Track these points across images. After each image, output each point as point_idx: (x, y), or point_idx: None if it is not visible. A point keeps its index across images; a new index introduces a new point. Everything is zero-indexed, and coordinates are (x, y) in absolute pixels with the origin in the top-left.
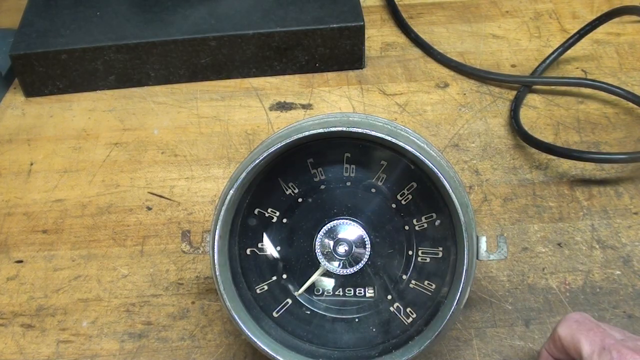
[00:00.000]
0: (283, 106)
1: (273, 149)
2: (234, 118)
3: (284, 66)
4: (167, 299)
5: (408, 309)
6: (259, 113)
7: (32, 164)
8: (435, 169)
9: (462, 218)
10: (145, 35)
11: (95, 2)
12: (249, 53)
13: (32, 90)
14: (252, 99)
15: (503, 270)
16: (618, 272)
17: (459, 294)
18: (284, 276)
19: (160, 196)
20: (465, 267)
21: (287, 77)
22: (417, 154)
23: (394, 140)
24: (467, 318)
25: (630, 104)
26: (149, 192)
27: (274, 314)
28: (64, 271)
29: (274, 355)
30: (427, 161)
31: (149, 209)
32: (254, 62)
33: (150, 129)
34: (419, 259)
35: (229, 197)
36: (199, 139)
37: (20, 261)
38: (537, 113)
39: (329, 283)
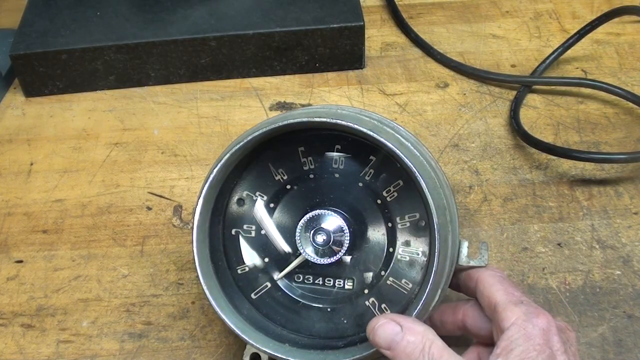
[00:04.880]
0: (283, 106)
1: (258, 132)
2: (234, 118)
3: (284, 66)
4: (167, 299)
5: (383, 305)
6: (259, 113)
7: (32, 164)
8: (412, 166)
9: (435, 219)
10: (145, 35)
11: (95, 2)
12: (249, 53)
13: (32, 90)
14: (252, 99)
15: (503, 270)
16: (618, 272)
17: (424, 296)
18: (266, 260)
19: (160, 196)
20: (434, 270)
21: (287, 77)
22: (395, 149)
23: (374, 134)
24: None
25: (630, 104)
26: (149, 192)
27: (252, 296)
28: (64, 271)
29: (240, 333)
30: (404, 158)
31: (149, 209)
32: (254, 62)
33: (150, 129)
34: (399, 256)
35: (212, 176)
36: (199, 139)
37: (20, 261)
38: (537, 113)
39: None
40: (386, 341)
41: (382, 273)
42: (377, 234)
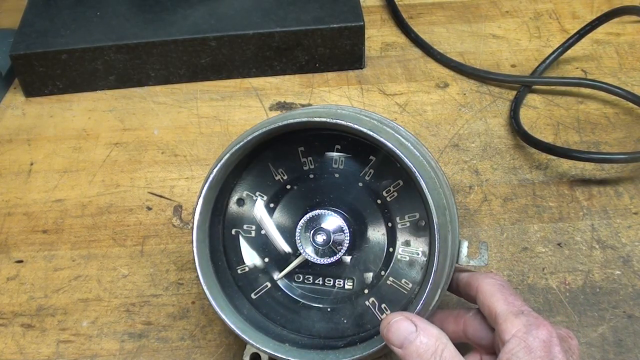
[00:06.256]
0: (283, 106)
1: (258, 132)
2: (234, 118)
3: (284, 66)
4: (167, 299)
5: (383, 305)
6: (259, 113)
7: (32, 164)
8: (412, 166)
9: (435, 219)
10: (145, 35)
11: (95, 2)
12: (249, 53)
13: (32, 90)
14: (252, 99)
15: (503, 270)
16: (618, 272)
17: (424, 296)
18: (266, 260)
19: (160, 196)
20: (434, 270)
21: (287, 77)
22: (395, 149)
23: (374, 134)
24: None
25: (630, 104)
26: (149, 192)
27: (252, 296)
28: (64, 271)
29: (240, 333)
30: (404, 158)
31: (149, 209)
32: (254, 62)
33: (150, 129)
34: (399, 256)
35: (212, 176)
36: (199, 139)
37: (20, 261)
38: (537, 113)
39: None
40: (399, 339)
41: (382, 273)
42: (377, 234)
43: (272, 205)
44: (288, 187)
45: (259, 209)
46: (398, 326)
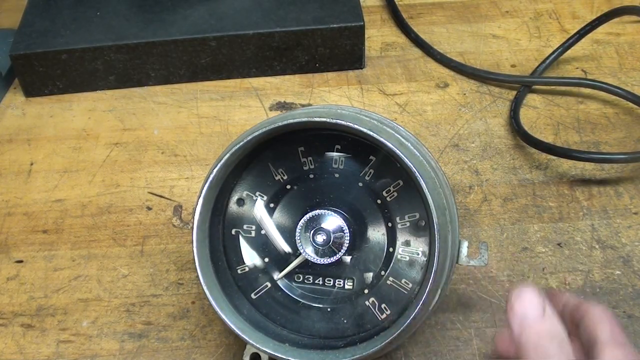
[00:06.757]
0: (283, 106)
1: (258, 132)
2: (234, 118)
3: (284, 66)
4: (167, 299)
5: (383, 305)
6: (259, 113)
7: (32, 164)
8: (412, 166)
9: (435, 219)
10: (145, 35)
11: (95, 2)
12: (249, 53)
13: (32, 90)
14: (252, 99)
15: (503, 270)
16: (618, 272)
17: (424, 296)
18: (266, 260)
19: (160, 196)
20: (434, 270)
21: (287, 77)
22: (395, 149)
23: (374, 134)
24: (467, 318)
25: (630, 104)
26: (149, 192)
27: (252, 296)
28: (64, 271)
29: (240, 333)
30: (404, 158)
31: (149, 209)
32: (254, 62)
33: (150, 129)
34: (399, 256)
35: (212, 176)
36: (199, 139)
37: (20, 261)
38: (537, 113)
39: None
40: (524, 313)
41: (382, 273)
42: (377, 234)
43: (272, 205)
44: (288, 187)
45: (259, 209)
46: (531, 299)
